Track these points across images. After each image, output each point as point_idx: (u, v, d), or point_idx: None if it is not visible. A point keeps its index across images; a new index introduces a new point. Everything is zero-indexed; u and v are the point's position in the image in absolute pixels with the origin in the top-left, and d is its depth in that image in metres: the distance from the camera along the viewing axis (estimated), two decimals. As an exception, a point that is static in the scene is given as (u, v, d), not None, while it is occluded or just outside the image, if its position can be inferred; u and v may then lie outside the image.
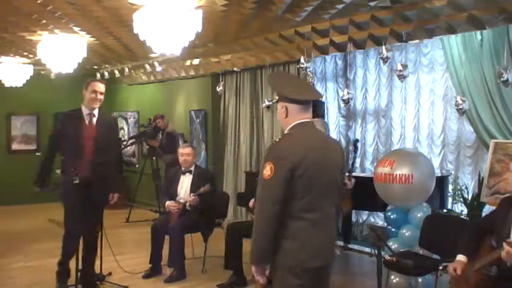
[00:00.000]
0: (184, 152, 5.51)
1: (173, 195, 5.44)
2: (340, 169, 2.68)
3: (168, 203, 5.36)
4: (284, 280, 2.54)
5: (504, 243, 2.84)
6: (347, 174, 4.07)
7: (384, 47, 5.21)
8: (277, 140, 2.64)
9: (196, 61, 8.05)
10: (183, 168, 5.52)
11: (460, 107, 4.97)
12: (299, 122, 2.60)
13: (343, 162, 2.73)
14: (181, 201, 5.35)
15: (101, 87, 4.70)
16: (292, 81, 2.76)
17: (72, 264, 4.49)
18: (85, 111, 4.68)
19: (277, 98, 2.70)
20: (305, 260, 2.51)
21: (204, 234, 5.52)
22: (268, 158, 2.53)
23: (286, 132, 2.64)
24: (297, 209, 2.49)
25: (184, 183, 5.48)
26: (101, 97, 4.70)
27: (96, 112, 4.70)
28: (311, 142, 2.58)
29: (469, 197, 5.32)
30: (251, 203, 4.89)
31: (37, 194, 4.08)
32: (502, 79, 4.44)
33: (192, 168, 5.54)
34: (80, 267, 4.50)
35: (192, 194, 5.26)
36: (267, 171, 2.48)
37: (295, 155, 2.47)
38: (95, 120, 4.69)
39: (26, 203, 9.31)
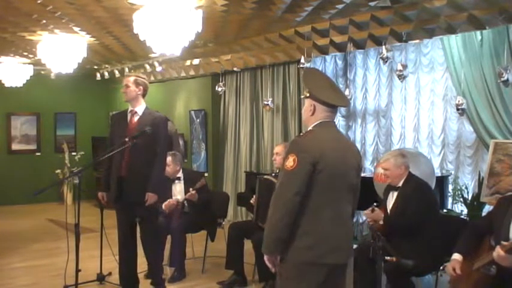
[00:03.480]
0: None
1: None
2: (356, 171, 2.72)
3: (163, 204, 5.26)
4: (297, 275, 2.56)
5: (498, 246, 2.85)
6: (375, 204, 4.09)
7: (383, 47, 5.21)
8: (301, 134, 2.68)
9: (196, 61, 8.05)
10: (171, 178, 5.35)
11: (460, 107, 4.97)
12: (322, 121, 2.66)
13: (359, 165, 2.78)
14: (179, 198, 5.33)
15: (126, 79, 4.49)
16: (326, 82, 2.78)
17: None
18: (129, 109, 4.52)
19: (307, 94, 2.73)
20: (320, 256, 2.54)
21: (210, 234, 5.52)
22: (292, 150, 2.56)
23: (310, 128, 2.69)
24: (315, 205, 2.53)
25: (177, 190, 5.42)
26: (126, 90, 4.43)
27: (139, 109, 4.48)
28: (332, 141, 2.63)
29: (469, 197, 5.32)
30: (253, 200, 4.92)
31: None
32: (502, 79, 4.45)
33: (180, 175, 5.43)
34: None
35: (190, 189, 5.24)
36: (290, 162, 2.51)
37: (317, 150, 2.52)
38: (136, 118, 4.47)
39: (26, 203, 9.31)
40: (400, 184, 4.09)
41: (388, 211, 4.08)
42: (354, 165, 2.70)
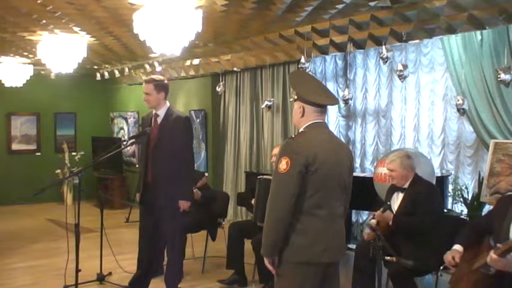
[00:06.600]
0: None
1: None
2: (348, 170, 2.73)
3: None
4: (293, 275, 2.58)
5: (492, 251, 2.85)
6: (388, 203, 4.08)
7: (383, 47, 5.21)
8: (293, 136, 2.69)
9: (196, 61, 8.05)
10: None
11: (461, 107, 4.97)
12: (313, 122, 2.67)
13: (351, 164, 2.80)
14: None
15: (146, 87, 4.41)
16: (312, 83, 2.80)
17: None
18: (153, 111, 4.47)
19: (295, 97, 2.74)
20: (316, 255, 2.56)
21: (211, 234, 5.53)
22: (285, 152, 2.57)
23: (301, 130, 2.70)
24: (310, 205, 2.54)
25: None
26: (147, 97, 4.40)
27: (161, 112, 4.42)
28: (324, 141, 2.64)
29: (469, 197, 5.32)
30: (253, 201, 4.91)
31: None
32: (498, 78, 4.45)
33: None
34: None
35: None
36: (283, 165, 2.52)
37: (310, 151, 2.53)
38: (158, 121, 4.42)
39: (26, 203, 9.31)
40: (406, 185, 4.09)
41: (393, 211, 4.08)
42: (347, 165, 2.72)
